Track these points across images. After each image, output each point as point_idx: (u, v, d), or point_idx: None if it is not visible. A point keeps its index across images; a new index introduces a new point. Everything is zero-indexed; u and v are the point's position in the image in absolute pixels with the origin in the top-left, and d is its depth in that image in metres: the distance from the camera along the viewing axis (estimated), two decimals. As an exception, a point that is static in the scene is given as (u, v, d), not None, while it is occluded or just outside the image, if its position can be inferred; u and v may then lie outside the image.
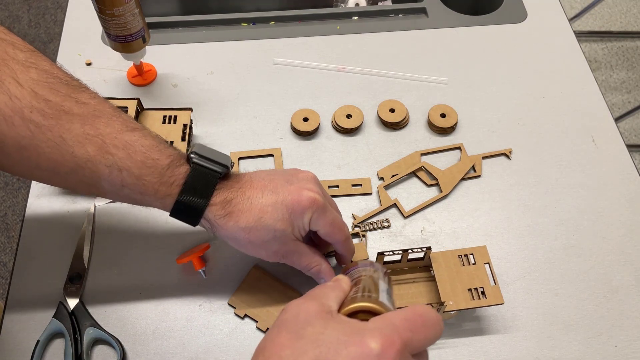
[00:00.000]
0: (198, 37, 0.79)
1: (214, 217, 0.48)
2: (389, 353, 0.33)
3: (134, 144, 0.47)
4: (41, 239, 0.60)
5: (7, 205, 1.51)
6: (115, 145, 0.46)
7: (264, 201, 0.48)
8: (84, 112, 0.46)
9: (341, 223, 0.52)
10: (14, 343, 0.53)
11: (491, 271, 0.53)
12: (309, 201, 0.48)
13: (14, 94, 0.43)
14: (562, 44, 0.79)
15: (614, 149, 0.68)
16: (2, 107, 0.42)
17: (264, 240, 0.49)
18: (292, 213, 0.48)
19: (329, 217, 0.50)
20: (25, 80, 0.43)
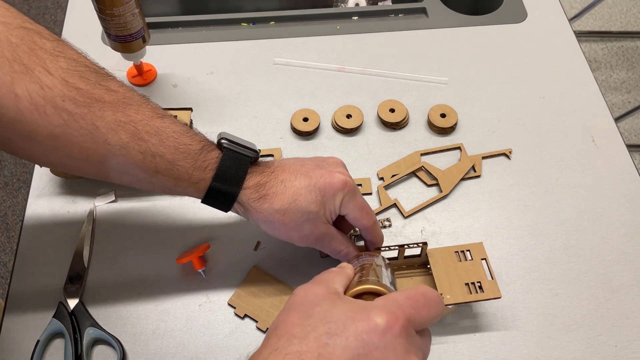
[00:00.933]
0: (198, 37, 0.79)
1: (248, 200, 0.48)
2: (394, 328, 0.35)
3: (166, 130, 0.47)
4: (41, 239, 0.60)
5: (7, 205, 1.51)
6: (148, 131, 0.46)
7: (298, 184, 0.49)
8: (114, 100, 0.45)
9: (369, 207, 0.53)
10: (14, 343, 0.53)
11: (488, 266, 0.53)
12: (341, 183, 0.49)
13: (45, 83, 0.42)
14: (562, 44, 0.79)
15: (614, 149, 0.68)
16: (34, 96, 0.42)
17: (297, 222, 0.49)
18: (325, 195, 0.49)
19: (359, 200, 0.51)
20: (55, 69, 0.43)
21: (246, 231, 0.61)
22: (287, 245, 0.60)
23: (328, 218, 0.51)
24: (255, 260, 0.59)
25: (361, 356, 0.34)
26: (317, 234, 0.50)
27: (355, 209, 0.51)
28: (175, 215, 0.62)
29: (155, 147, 0.46)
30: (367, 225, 0.52)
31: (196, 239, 0.60)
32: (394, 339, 0.34)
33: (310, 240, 0.51)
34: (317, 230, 0.50)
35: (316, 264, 0.59)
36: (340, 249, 0.52)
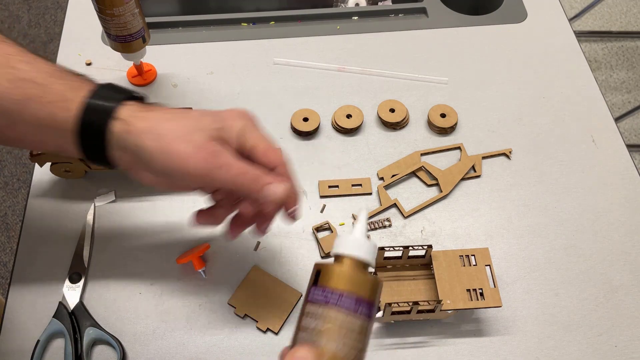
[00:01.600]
0: (198, 37, 0.79)
1: (131, 114, 0.42)
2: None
3: (42, 61, 0.44)
4: (41, 239, 0.60)
5: (7, 205, 1.51)
6: (21, 60, 0.43)
7: (188, 114, 0.44)
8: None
9: (271, 141, 0.46)
10: (15, 342, 0.53)
11: (492, 273, 0.53)
12: (240, 112, 0.45)
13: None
14: (562, 44, 0.79)
15: (614, 149, 0.68)
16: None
17: (188, 130, 0.42)
18: (222, 118, 0.44)
19: (262, 132, 0.45)
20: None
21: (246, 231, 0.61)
22: (287, 245, 0.60)
23: (231, 148, 0.44)
24: (255, 260, 0.59)
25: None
26: (211, 150, 0.42)
27: (260, 140, 0.44)
28: (175, 215, 0.62)
29: (26, 72, 0.42)
30: (277, 162, 0.45)
31: (196, 238, 0.60)
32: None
33: (201, 158, 0.41)
34: (209, 144, 0.42)
35: (316, 264, 0.59)
36: (245, 169, 0.43)
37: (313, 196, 0.64)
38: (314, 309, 0.36)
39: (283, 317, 0.55)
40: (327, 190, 0.64)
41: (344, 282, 0.37)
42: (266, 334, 0.55)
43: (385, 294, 0.55)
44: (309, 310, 0.37)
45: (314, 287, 0.37)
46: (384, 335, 0.55)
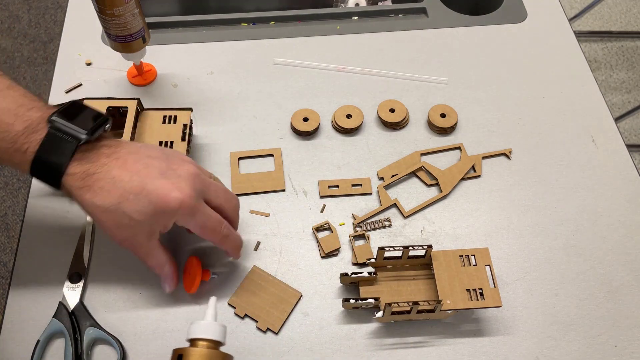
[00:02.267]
0: (198, 37, 0.79)
1: (71, 188, 0.46)
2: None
3: (12, 91, 0.46)
4: (41, 239, 0.60)
5: (7, 205, 1.51)
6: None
7: (128, 187, 0.46)
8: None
9: (215, 224, 0.50)
10: (15, 342, 0.53)
11: (492, 273, 0.53)
12: (177, 203, 0.47)
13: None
14: (562, 44, 0.79)
15: (614, 149, 0.68)
16: None
17: (115, 225, 0.47)
18: (155, 210, 0.47)
19: (199, 220, 0.49)
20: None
21: (246, 231, 0.61)
22: (287, 245, 0.60)
23: (153, 231, 0.48)
24: (255, 260, 0.59)
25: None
26: (134, 243, 0.48)
27: (196, 228, 0.50)
28: (175, 215, 0.62)
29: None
30: (214, 242, 0.52)
31: (196, 238, 0.60)
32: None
33: (125, 245, 0.49)
34: (134, 239, 0.48)
35: (316, 264, 0.59)
36: (154, 266, 0.51)
37: (313, 196, 0.64)
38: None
39: (283, 317, 0.55)
40: (327, 190, 0.64)
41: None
42: (266, 334, 0.55)
43: (385, 294, 0.55)
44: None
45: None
46: (384, 335, 0.55)
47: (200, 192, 0.49)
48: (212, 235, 0.51)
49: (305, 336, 0.55)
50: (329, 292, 0.57)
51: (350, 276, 0.54)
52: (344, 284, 0.57)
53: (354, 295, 0.57)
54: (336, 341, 0.54)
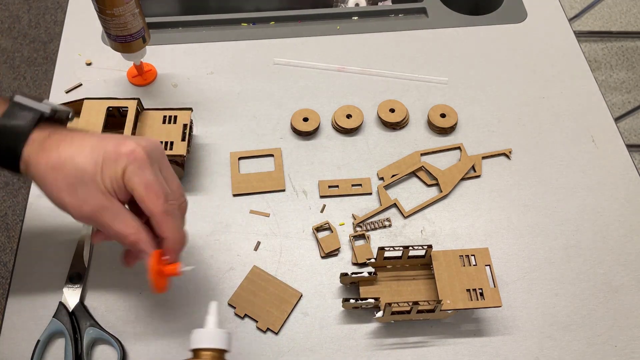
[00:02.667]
0: (198, 37, 0.79)
1: (29, 155, 0.43)
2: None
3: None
4: (41, 239, 0.60)
5: (7, 205, 1.51)
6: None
7: (85, 142, 0.44)
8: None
9: (161, 189, 0.44)
10: (15, 342, 0.53)
11: (491, 273, 0.53)
12: (128, 151, 0.43)
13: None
14: (562, 44, 0.79)
15: (613, 149, 0.68)
16: None
17: (70, 183, 0.43)
18: (106, 159, 0.43)
19: (146, 177, 0.43)
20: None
21: (246, 231, 0.61)
22: (287, 245, 0.60)
23: (109, 187, 0.43)
24: (255, 260, 0.59)
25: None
26: (96, 205, 0.43)
27: (140, 185, 0.43)
28: (175, 215, 0.62)
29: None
30: (154, 212, 0.43)
31: (196, 239, 0.60)
32: None
33: (86, 212, 0.43)
34: (94, 199, 0.43)
35: (316, 264, 0.59)
36: (125, 231, 0.43)
37: (313, 196, 0.64)
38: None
39: (283, 317, 0.55)
40: (327, 190, 0.64)
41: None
42: (266, 334, 0.55)
43: (385, 294, 0.55)
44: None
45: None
46: (384, 335, 0.55)
47: (156, 159, 0.45)
48: (155, 199, 0.43)
49: (305, 336, 0.55)
50: (329, 292, 0.57)
51: (350, 276, 0.54)
52: (344, 284, 0.57)
53: (354, 295, 0.57)
54: (336, 341, 0.54)
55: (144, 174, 0.43)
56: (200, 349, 0.44)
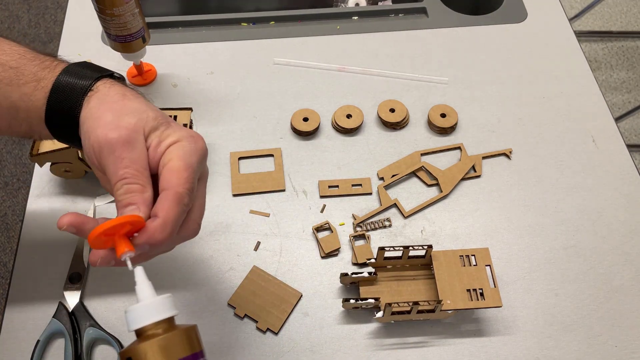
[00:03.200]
0: (198, 37, 0.79)
1: (97, 88, 0.41)
2: None
3: (12, 43, 0.43)
4: (41, 239, 0.60)
5: (7, 205, 1.51)
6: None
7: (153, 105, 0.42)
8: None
9: (192, 178, 0.39)
10: (14, 343, 0.53)
11: (492, 273, 0.53)
12: (195, 133, 0.42)
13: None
14: (562, 44, 0.79)
15: (614, 149, 0.68)
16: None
17: (120, 111, 0.40)
18: (170, 122, 0.41)
19: (192, 160, 0.40)
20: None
21: (246, 231, 0.61)
22: (287, 245, 0.60)
23: (149, 143, 0.40)
24: (255, 260, 0.59)
25: None
26: (124, 134, 0.38)
27: (181, 160, 0.39)
28: (175, 215, 0.62)
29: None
30: (170, 185, 0.38)
31: (196, 239, 0.60)
32: None
33: (110, 137, 0.38)
34: (126, 130, 0.39)
35: (316, 264, 0.59)
36: (132, 171, 0.38)
37: (313, 196, 0.64)
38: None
39: (283, 317, 0.55)
40: (327, 190, 0.64)
41: (162, 355, 0.34)
42: (266, 334, 0.55)
43: (385, 294, 0.55)
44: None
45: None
46: (384, 335, 0.55)
47: (203, 170, 0.43)
48: (181, 179, 0.39)
49: (305, 336, 0.55)
50: (329, 292, 0.57)
51: (350, 276, 0.54)
52: (344, 284, 0.57)
53: (354, 295, 0.57)
54: (336, 341, 0.54)
55: (191, 157, 0.40)
56: (143, 328, 0.36)
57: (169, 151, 0.40)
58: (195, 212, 0.41)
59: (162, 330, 0.36)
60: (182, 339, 0.35)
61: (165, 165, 0.39)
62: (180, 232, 0.40)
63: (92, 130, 0.39)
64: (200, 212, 0.42)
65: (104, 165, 0.39)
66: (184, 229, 0.40)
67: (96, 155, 0.39)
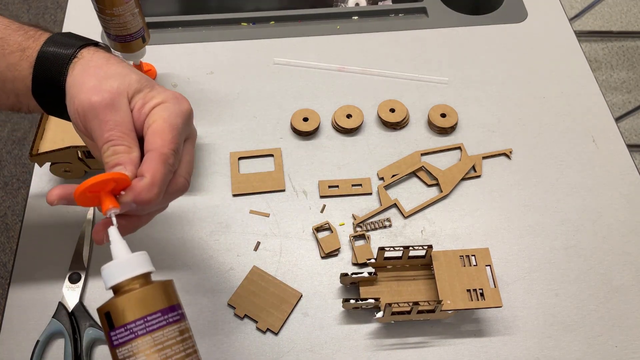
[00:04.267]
0: (198, 37, 0.78)
1: (81, 55, 0.42)
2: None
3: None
4: (41, 239, 0.60)
5: (7, 205, 1.51)
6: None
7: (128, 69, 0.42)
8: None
9: (176, 139, 0.40)
10: (14, 343, 0.53)
11: (492, 273, 0.53)
12: (180, 95, 0.42)
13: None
14: (563, 43, 0.79)
15: (614, 149, 0.68)
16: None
17: (104, 75, 0.40)
18: (155, 84, 0.42)
19: (177, 122, 0.40)
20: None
21: (246, 231, 0.61)
22: (287, 245, 0.60)
23: (133, 105, 0.40)
24: (255, 260, 0.59)
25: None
26: (107, 98, 0.39)
27: (165, 122, 0.39)
28: (175, 216, 0.62)
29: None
30: (154, 147, 0.38)
31: (196, 239, 0.60)
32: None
33: (93, 101, 0.39)
34: (109, 94, 0.39)
35: (316, 264, 0.59)
36: (115, 133, 0.39)
37: (313, 196, 0.64)
38: (128, 350, 0.34)
39: (283, 317, 0.55)
40: (327, 190, 0.64)
41: (140, 307, 0.35)
42: (266, 334, 0.55)
43: (385, 294, 0.55)
44: (123, 354, 0.35)
45: (112, 332, 0.35)
46: (384, 335, 0.55)
47: (191, 130, 0.43)
48: (165, 140, 0.39)
49: (305, 336, 0.55)
50: (329, 292, 0.57)
51: (350, 276, 0.54)
52: (344, 284, 0.57)
53: (354, 296, 0.57)
54: (336, 341, 0.54)
55: (175, 118, 0.40)
56: (120, 284, 0.36)
57: (153, 113, 0.40)
58: (182, 168, 0.42)
59: (138, 285, 0.36)
60: (159, 292, 0.36)
61: (149, 127, 0.40)
62: (169, 189, 0.40)
63: (75, 95, 0.40)
64: (188, 168, 0.42)
65: (89, 130, 0.40)
66: (172, 185, 0.41)
67: (81, 120, 0.40)
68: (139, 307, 0.35)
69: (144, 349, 0.34)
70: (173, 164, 0.40)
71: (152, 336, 0.34)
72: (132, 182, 0.38)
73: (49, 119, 0.61)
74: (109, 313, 0.35)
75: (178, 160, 0.41)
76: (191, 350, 0.36)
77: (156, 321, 0.35)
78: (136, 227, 0.41)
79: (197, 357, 0.37)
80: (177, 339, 0.35)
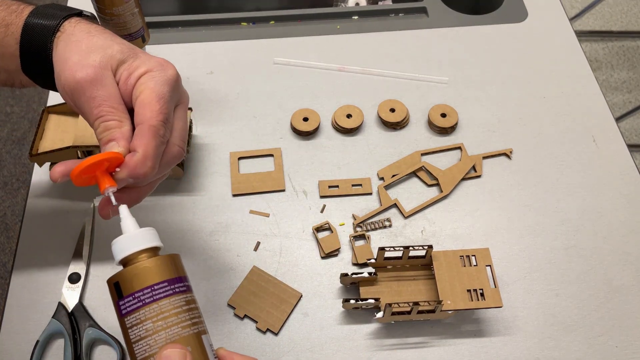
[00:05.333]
0: (198, 37, 0.78)
1: (64, 29, 0.42)
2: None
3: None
4: (41, 239, 0.60)
5: (7, 205, 1.51)
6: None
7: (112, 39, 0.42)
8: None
9: (165, 108, 0.39)
10: (14, 343, 0.53)
11: (492, 274, 0.53)
12: (164, 61, 0.42)
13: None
14: (563, 43, 0.79)
15: (614, 148, 0.68)
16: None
17: (87, 49, 0.40)
18: (139, 52, 0.42)
19: (164, 90, 0.40)
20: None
21: (246, 231, 0.61)
22: (287, 245, 0.60)
23: (119, 78, 0.40)
24: (255, 260, 0.59)
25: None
26: (92, 73, 0.39)
27: (152, 92, 0.39)
28: (175, 216, 0.62)
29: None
30: (144, 120, 0.39)
31: (196, 239, 0.60)
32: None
33: (78, 77, 0.39)
34: (93, 69, 0.39)
35: (316, 264, 0.59)
36: (105, 108, 0.39)
37: (313, 196, 0.64)
38: (135, 318, 0.36)
39: (283, 317, 0.55)
40: (327, 190, 0.64)
41: (147, 277, 0.36)
42: (266, 334, 0.55)
43: (385, 294, 0.55)
44: (131, 322, 0.36)
45: (121, 300, 0.37)
46: (384, 335, 0.55)
47: (180, 94, 0.43)
48: (154, 111, 0.39)
49: (305, 337, 0.55)
50: (329, 292, 0.57)
51: (350, 276, 0.54)
52: (344, 284, 0.57)
53: (354, 296, 0.57)
54: (336, 342, 0.54)
55: (162, 87, 0.40)
56: (129, 257, 0.38)
57: (139, 83, 0.40)
58: (175, 136, 0.42)
59: (146, 258, 0.38)
60: (166, 263, 0.37)
61: (137, 98, 0.40)
62: (164, 158, 0.41)
63: (61, 73, 0.40)
64: (181, 135, 0.42)
65: (79, 107, 0.40)
66: (166, 155, 0.41)
67: (70, 97, 0.41)
68: (146, 277, 0.36)
69: (151, 316, 0.35)
70: (164, 135, 0.40)
71: (159, 304, 0.36)
72: (125, 158, 0.38)
73: (49, 119, 0.61)
74: (118, 283, 0.37)
75: (169, 129, 0.41)
76: (197, 320, 0.37)
77: (163, 290, 0.36)
78: (140, 198, 0.42)
79: (204, 327, 0.38)
80: (184, 307, 0.36)
